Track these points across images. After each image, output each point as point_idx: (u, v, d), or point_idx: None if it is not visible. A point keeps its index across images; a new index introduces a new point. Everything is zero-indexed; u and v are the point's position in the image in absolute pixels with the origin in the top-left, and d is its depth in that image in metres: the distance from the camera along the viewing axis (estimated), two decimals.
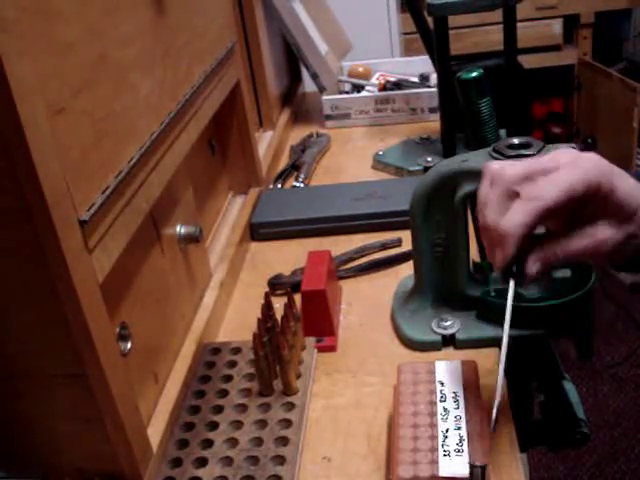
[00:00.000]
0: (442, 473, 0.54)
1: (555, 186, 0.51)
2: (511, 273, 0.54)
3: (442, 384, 0.62)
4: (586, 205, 0.52)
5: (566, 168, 0.52)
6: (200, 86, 0.81)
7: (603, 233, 0.52)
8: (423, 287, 0.76)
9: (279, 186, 1.17)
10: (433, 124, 1.29)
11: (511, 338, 0.54)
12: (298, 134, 1.37)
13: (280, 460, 0.61)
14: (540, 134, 2.91)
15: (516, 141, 0.68)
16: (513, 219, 0.51)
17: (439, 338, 0.73)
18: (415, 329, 0.75)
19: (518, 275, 0.54)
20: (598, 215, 0.53)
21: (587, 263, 0.72)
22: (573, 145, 0.66)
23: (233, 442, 0.63)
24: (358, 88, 1.47)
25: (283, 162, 1.26)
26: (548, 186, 0.51)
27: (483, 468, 0.51)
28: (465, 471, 0.54)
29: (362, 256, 0.92)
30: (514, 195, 0.52)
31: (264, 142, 1.26)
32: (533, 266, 0.53)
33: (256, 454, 0.62)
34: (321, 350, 0.76)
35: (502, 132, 0.89)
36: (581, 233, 0.53)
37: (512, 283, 0.54)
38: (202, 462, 0.62)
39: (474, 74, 0.76)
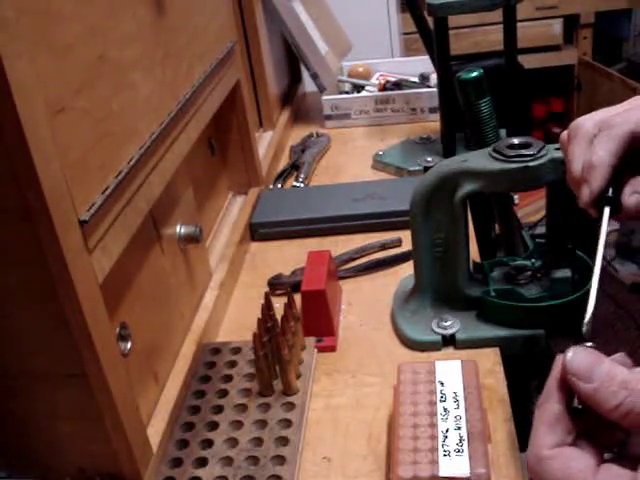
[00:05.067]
0: (442, 473, 0.54)
1: (635, 116, 0.49)
2: (605, 200, 0.49)
3: (442, 384, 0.62)
4: None
5: None
6: (200, 86, 0.81)
7: None
8: (423, 287, 0.76)
9: (279, 186, 1.17)
10: (433, 124, 1.29)
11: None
12: (298, 134, 1.37)
13: (280, 460, 0.61)
14: (540, 134, 2.91)
15: (516, 141, 0.68)
16: (598, 151, 0.49)
17: (439, 338, 0.73)
18: (415, 329, 0.75)
19: (613, 202, 0.49)
20: None
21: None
22: None
23: (233, 442, 0.63)
24: (358, 88, 1.47)
25: (283, 162, 1.26)
26: (627, 114, 0.49)
27: None
28: (466, 471, 0.54)
29: (362, 256, 0.92)
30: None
31: (264, 142, 1.26)
32: (631, 197, 0.49)
33: (256, 454, 0.62)
34: (321, 350, 0.76)
35: (502, 132, 0.89)
36: None
37: (607, 210, 0.49)
38: (202, 462, 0.62)
39: (474, 74, 0.76)
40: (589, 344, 0.42)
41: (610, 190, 0.49)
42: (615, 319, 0.76)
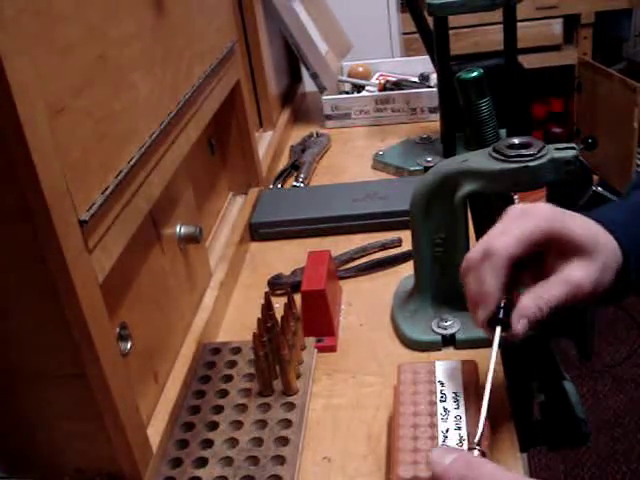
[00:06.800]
0: None
1: (511, 239, 0.54)
2: (496, 321, 0.55)
3: (442, 384, 0.62)
4: (549, 252, 0.56)
5: (518, 219, 0.56)
6: (200, 86, 0.81)
7: (576, 274, 0.54)
8: (423, 287, 0.76)
9: (279, 186, 1.17)
10: (433, 124, 1.29)
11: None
12: (298, 134, 1.37)
13: (280, 460, 0.61)
14: (540, 134, 2.91)
15: (516, 141, 0.68)
16: (486, 281, 0.55)
17: (439, 338, 0.73)
18: (415, 329, 0.75)
19: (503, 322, 0.55)
20: (565, 259, 0.55)
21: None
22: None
23: (233, 442, 0.63)
24: (358, 88, 1.47)
25: (283, 162, 1.26)
26: (505, 240, 0.54)
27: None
28: None
29: (362, 256, 0.92)
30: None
31: (264, 142, 1.26)
32: (518, 323, 0.55)
33: (256, 454, 0.62)
34: (321, 350, 0.76)
35: (502, 132, 0.89)
36: (555, 281, 0.55)
37: (498, 330, 0.55)
38: (202, 462, 0.62)
39: (474, 74, 0.76)
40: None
41: (501, 312, 0.55)
42: (615, 319, 0.76)
